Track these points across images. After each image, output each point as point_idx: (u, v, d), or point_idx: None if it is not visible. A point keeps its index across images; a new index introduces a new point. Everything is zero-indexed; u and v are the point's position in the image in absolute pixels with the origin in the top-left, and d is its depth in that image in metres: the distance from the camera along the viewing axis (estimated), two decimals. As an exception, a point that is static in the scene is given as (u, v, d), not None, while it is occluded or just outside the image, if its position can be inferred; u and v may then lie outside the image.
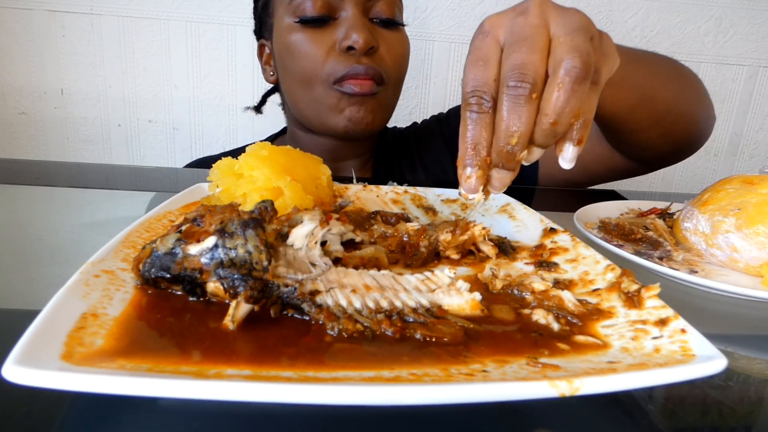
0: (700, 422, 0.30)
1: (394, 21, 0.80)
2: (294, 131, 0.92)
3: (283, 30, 0.79)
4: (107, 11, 1.32)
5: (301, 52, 0.77)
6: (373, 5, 0.78)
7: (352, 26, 0.75)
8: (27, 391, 0.22)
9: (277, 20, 0.81)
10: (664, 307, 0.33)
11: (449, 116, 0.98)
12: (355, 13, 0.76)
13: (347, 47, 0.75)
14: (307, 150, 0.87)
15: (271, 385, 0.23)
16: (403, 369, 0.27)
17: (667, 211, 0.62)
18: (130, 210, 0.63)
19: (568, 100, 0.35)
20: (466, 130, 0.38)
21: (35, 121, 1.40)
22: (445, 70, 1.46)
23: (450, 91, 1.48)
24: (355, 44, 0.74)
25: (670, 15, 1.45)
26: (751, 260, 0.47)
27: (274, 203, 0.37)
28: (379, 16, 0.78)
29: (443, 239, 0.45)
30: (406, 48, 0.83)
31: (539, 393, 0.24)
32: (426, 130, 0.99)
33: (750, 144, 1.62)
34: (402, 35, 0.83)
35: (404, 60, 0.84)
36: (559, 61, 0.35)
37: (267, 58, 0.89)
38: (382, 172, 0.92)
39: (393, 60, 0.80)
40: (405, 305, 0.34)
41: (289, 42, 0.78)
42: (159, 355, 0.27)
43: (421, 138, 0.97)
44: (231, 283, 0.32)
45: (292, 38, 0.78)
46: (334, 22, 0.77)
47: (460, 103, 0.40)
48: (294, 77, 0.80)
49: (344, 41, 0.75)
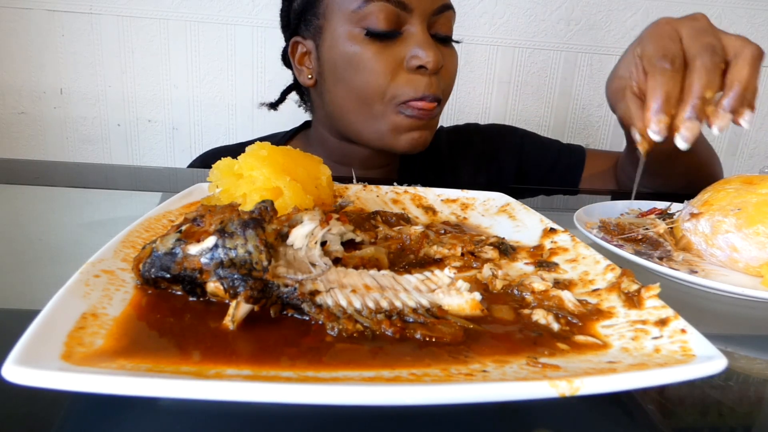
0: (700, 422, 0.30)
1: (451, 37, 0.79)
2: (322, 133, 0.89)
3: (343, 38, 0.75)
4: (106, 11, 1.32)
5: (366, 66, 0.74)
6: (436, 21, 0.76)
7: (421, 44, 0.72)
8: (27, 391, 0.22)
9: (333, 25, 0.76)
10: (664, 307, 0.33)
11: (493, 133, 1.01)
12: (422, 30, 0.73)
13: (417, 66, 0.73)
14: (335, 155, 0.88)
15: (271, 385, 0.23)
16: (403, 369, 0.27)
17: (667, 211, 0.62)
18: (130, 210, 0.63)
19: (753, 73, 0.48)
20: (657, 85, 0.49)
21: (34, 120, 1.39)
22: (444, 70, 1.46)
23: (453, 90, 1.48)
24: (427, 64, 0.72)
25: (669, 15, 1.45)
26: (751, 260, 0.47)
27: (274, 203, 0.37)
28: (439, 33, 0.76)
29: (449, 253, 0.45)
30: (457, 66, 0.83)
31: (539, 393, 0.24)
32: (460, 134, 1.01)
33: (749, 144, 1.62)
34: (455, 52, 0.82)
35: (455, 78, 0.83)
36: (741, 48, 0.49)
37: (301, 58, 0.83)
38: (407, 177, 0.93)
39: (450, 78, 0.79)
40: (405, 305, 0.34)
41: (352, 53, 0.74)
42: (159, 355, 0.27)
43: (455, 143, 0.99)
44: (231, 283, 0.32)
45: (356, 50, 0.74)
46: (400, 37, 0.74)
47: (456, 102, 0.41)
48: (351, 90, 0.77)
49: (414, 60, 0.72)
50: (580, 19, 1.47)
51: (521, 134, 1.01)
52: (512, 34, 1.46)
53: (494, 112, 1.54)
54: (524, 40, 1.47)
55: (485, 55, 1.47)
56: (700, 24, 0.52)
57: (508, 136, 1.00)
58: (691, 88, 0.48)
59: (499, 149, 0.99)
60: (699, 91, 0.48)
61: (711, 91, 0.47)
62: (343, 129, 0.83)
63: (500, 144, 0.99)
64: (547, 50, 1.49)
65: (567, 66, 1.51)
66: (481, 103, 1.52)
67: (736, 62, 0.49)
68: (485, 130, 1.02)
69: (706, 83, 0.47)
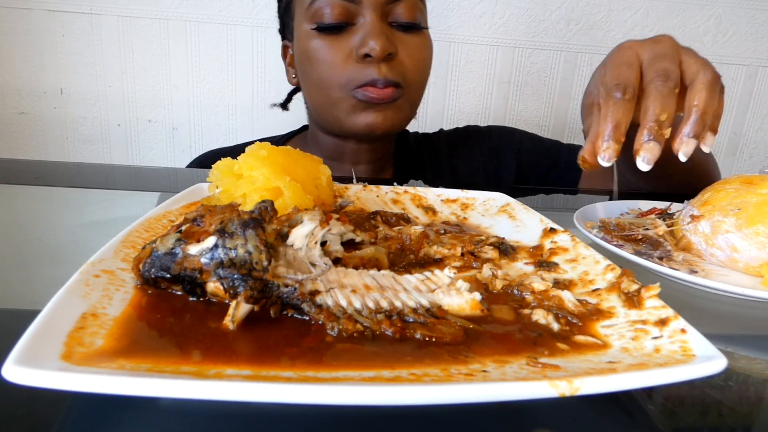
0: (700, 422, 0.30)
1: (415, 24, 0.79)
2: (315, 131, 0.92)
3: (302, 36, 0.79)
4: (107, 11, 1.32)
5: (319, 59, 0.77)
6: (392, 9, 0.77)
7: (369, 33, 0.74)
8: (27, 391, 0.22)
9: (297, 25, 0.81)
10: (664, 307, 0.33)
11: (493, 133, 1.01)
12: (372, 19, 0.75)
13: (364, 54, 0.74)
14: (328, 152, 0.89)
15: (271, 385, 0.23)
16: (403, 369, 0.27)
17: (667, 211, 0.62)
18: (130, 210, 0.63)
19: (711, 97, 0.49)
20: (609, 112, 0.50)
21: (35, 120, 1.39)
22: (444, 70, 1.46)
23: (449, 90, 1.48)
24: (372, 52, 0.73)
25: (669, 15, 1.45)
26: (751, 260, 0.47)
27: (274, 203, 0.37)
28: (398, 20, 0.77)
29: (449, 253, 0.45)
30: (427, 51, 0.83)
31: (539, 393, 0.24)
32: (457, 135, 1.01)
33: (749, 144, 1.62)
34: (423, 38, 0.82)
35: (425, 63, 0.83)
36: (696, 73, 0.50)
37: (290, 60, 0.88)
38: (403, 175, 0.93)
39: (413, 64, 0.80)
40: (405, 305, 0.34)
41: (308, 48, 0.78)
42: (159, 355, 0.27)
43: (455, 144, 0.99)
44: (231, 283, 0.32)
45: (310, 45, 0.78)
46: (352, 28, 0.76)
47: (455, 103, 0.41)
48: (313, 82, 0.80)
49: (361, 48, 0.74)
50: (580, 19, 1.47)
51: (520, 135, 1.01)
52: (512, 34, 1.46)
53: (494, 113, 1.54)
54: (524, 40, 1.47)
55: (485, 55, 1.47)
56: (661, 48, 0.53)
57: (506, 137, 1.01)
58: (646, 113, 0.49)
59: (498, 150, 0.99)
60: (653, 115, 0.48)
61: (665, 114, 0.48)
62: (320, 121, 0.87)
63: (499, 145, 0.99)
64: (547, 50, 1.49)
65: (567, 66, 1.51)
66: (481, 103, 1.52)
67: (692, 87, 0.50)
68: (484, 131, 1.02)
69: (659, 108, 0.48)
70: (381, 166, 0.92)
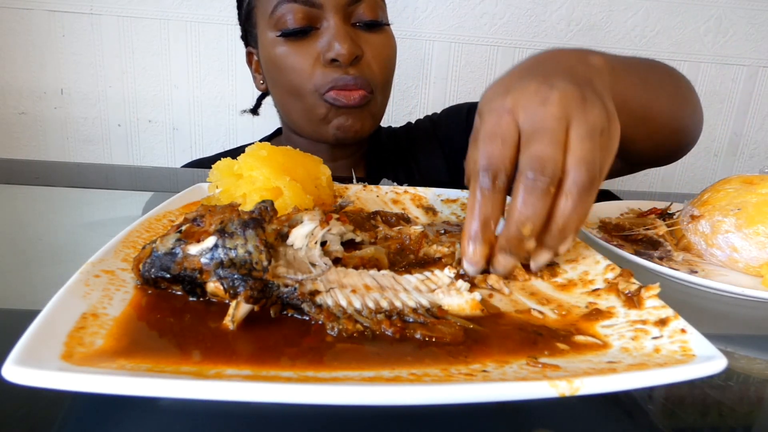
0: (700, 422, 0.30)
1: (378, 22, 0.79)
2: (288, 134, 0.93)
3: (267, 43, 0.79)
4: (107, 11, 1.32)
5: (286, 66, 0.77)
6: (354, 10, 0.77)
7: (334, 36, 0.74)
8: (27, 391, 0.22)
9: (261, 32, 0.80)
10: (664, 307, 0.33)
11: (441, 117, 0.98)
12: (336, 22, 0.75)
13: (331, 59, 0.74)
14: None
15: (271, 385, 0.23)
16: (403, 369, 0.27)
17: (667, 211, 0.62)
18: (130, 210, 0.63)
19: (579, 207, 0.36)
20: (475, 204, 0.38)
21: (35, 121, 1.40)
22: (444, 70, 1.46)
23: (449, 90, 1.48)
24: (339, 56, 0.73)
25: (670, 15, 1.45)
26: (751, 260, 0.47)
27: (274, 203, 0.37)
28: (362, 20, 0.77)
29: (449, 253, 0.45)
30: (392, 49, 0.83)
31: (539, 393, 0.24)
32: (419, 130, 0.99)
33: (750, 144, 1.62)
34: (386, 36, 0.82)
35: (391, 62, 0.83)
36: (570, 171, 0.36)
37: (256, 66, 0.89)
38: (375, 172, 0.92)
39: (379, 64, 0.80)
40: (405, 305, 0.34)
41: (274, 55, 0.78)
42: (159, 355, 0.27)
43: (415, 138, 0.98)
44: (231, 283, 0.32)
45: (276, 52, 0.77)
46: (317, 32, 0.76)
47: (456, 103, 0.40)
48: (283, 89, 0.80)
49: (328, 53, 0.74)
50: (581, 19, 1.47)
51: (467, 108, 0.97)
52: (512, 34, 1.46)
53: (494, 113, 1.53)
54: (524, 40, 1.47)
55: (485, 56, 1.47)
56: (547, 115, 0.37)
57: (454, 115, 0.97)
58: (510, 217, 0.37)
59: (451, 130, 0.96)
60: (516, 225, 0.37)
61: (529, 227, 0.36)
62: (292, 126, 0.86)
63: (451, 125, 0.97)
64: (548, 50, 1.49)
65: (567, 66, 1.51)
66: (482, 103, 1.51)
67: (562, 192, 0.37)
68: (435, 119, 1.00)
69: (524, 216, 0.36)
70: (353, 164, 0.92)
